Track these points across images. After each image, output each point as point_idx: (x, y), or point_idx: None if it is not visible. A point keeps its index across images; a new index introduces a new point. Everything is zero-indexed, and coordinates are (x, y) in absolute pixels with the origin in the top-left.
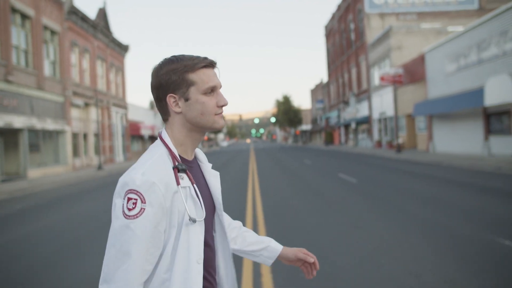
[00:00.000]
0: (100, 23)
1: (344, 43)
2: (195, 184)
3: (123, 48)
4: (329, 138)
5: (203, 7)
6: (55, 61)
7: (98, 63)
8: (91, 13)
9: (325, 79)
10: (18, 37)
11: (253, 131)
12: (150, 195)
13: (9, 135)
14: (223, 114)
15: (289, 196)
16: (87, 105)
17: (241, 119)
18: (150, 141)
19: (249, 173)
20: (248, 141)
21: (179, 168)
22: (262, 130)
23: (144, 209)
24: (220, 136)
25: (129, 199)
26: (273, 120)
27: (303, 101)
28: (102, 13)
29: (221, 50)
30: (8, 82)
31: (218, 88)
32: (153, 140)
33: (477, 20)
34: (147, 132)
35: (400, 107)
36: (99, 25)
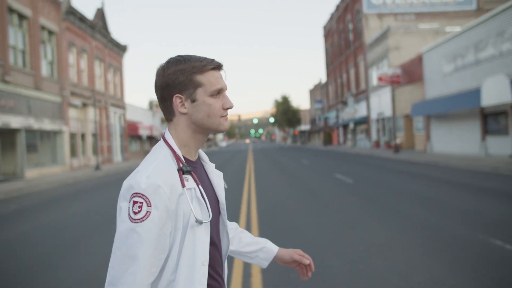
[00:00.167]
0: (98, 23)
1: (343, 44)
2: (200, 185)
3: (121, 48)
4: (328, 139)
5: (202, 7)
6: (53, 61)
7: (96, 63)
8: (89, 13)
9: (324, 80)
10: (16, 37)
11: (252, 132)
12: (156, 198)
13: (6, 135)
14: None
15: (285, 196)
16: (85, 105)
17: (240, 119)
18: (149, 142)
19: (246, 173)
20: (247, 141)
21: (184, 170)
22: (261, 131)
23: (150, 212)
24: (219, 137)
25: (135, 203)
26: (272, 121)
27: (302, 102)
28: (100, 13)
29: (220, 50)
30: (5, 82)
31: (224, 91)
32: (152, 141)
33: (474, 21)
34: (146, 133)
35: (398, 108)
36: (97, 25)
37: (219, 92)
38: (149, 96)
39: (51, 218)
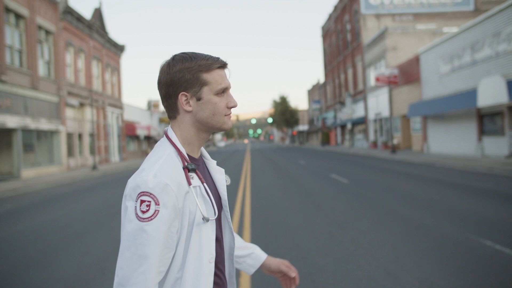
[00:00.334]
0: (96, 23)
1: (341, 44)
2: (205, 183)
3: (119, 48)
4: (326, 139)
5: (200, 8)
6: (50, 61)
7: (94, 63)
8: (87, 13)
9: (322, 80)
10: (12, 37)
11: (251, 132)
12: (164, 197)
13: (3, 135)
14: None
15: (279, 196)
16: (82, 105)
17: (238, 120)
18: (146, 142)
19: (242, 173)
20: (246, 142)
21: (189, 168)
22: (260, 131)
23: (159, 211)
24: (217, 137)
25: (142, 202)
26: (270, 121)
27: (300, 102)
28: (98, 13)
29: (218, 51)
30: (2, 82)
31: (229, 89)
32: (149, 140)
33: (471, 21)
34: (143, 133)
35: (395, 108)
36: (95, 25)
37: (224, 91)
38: (147, 96)
39: (46, 218)
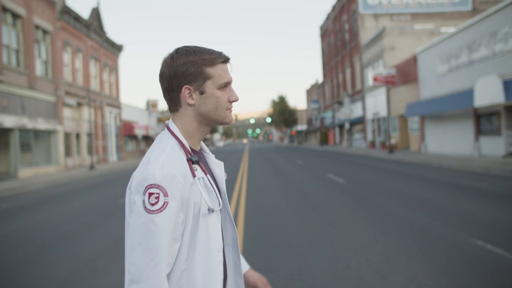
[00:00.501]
0: (94, 23)
1: (339, 44)
2: (208, 175)
3: (117, 48)
4: (324, 139)
5: (198, 8)
6: (47, 61)
7: (92, 63)
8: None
9: (320, 80)
10: (9, 37)
11: (250, 131)
12: (172, 188)
13: (0, 135)
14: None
15: (275, 196)
16: (80, 105)
17: (237, 119)
18: (144, 141)
19: (239, 173)
20: (245, 141)
21: (193, 160)
22: (259, 130)
23: (168, 203)
24: (216, 136)
25: (151, 194)
26: (269, 121)
27: (299, 102)
28: (96, 13)
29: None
30: None
31: (231, 84)
32: (148, 140)
33: (468, 21)
34: (141, 132)
35: (393, 108)
36: (93, 25)
37: (226, 85)
38: (147, 96)
39: (40, 218)
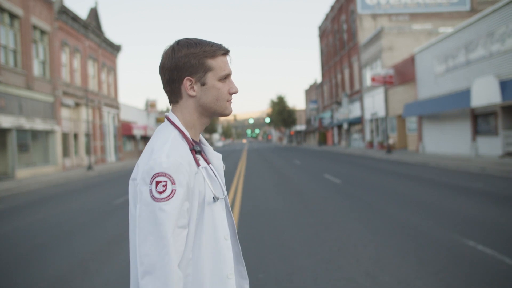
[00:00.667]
0: (92, 23)
1: (337, 44)
2: (211, 164)
3: (115, 48)
4: (323, 139)
5: (196, 8)
6: (45, 61)
7: (90, 63)
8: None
9: (319, 80)
10: (7, 37)
11: (249, 132)
12: (179, 176)
13: None
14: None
15: (270, 197)
16: (78, 105)
17: (236, 119)
18: (143, 141)
19: (236, 174)
20: (244, 141)
21: (196, 150)
22: (258, 131)
23: (175, 190)
24: (215, 136)
25: (158, 183)
26: (268, 121)
27: (298, 102)
28: (94, 13)
29: None
30: None
31: (231, 76)
32: (146, 140)
33: (465, 22)
34: (140, 132)
35: (391, 108)
36: (91, 25)
37: (227, 77)
38: (145, 96)
39: (35, 218)
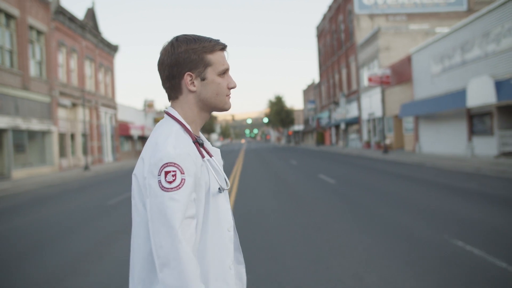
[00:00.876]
0: (89, 23)
1: (335, 44)
2: (213, 157)
3: (113, 48)
4: (320, 139)
5: (197, 8)
6: (42, 61)
7: (87, 63)
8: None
9: (317, 80)
10: (3, 37)
11: (247, 132)
12: (187, 166)
13: None
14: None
15: (263, 197)
16: (75, 105)
17: (234, 119)
18: (140, 142)
19: (232, 174)
20: (243, 141)
21: (199, 143)
22: (256, 131)
23: (185, 179)
24: (214, 136)
25: (167, 173)
26: (266, 121)
27: (296, 102)
28: (91, 13)
29: None
30: None
31: (229, 71)
32: (143, 141)
33: (461, 22)
34: (137, 133)
35: (388, 108)
36: (88, 25)
37: (225, 72)
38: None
39: (29, 219)
